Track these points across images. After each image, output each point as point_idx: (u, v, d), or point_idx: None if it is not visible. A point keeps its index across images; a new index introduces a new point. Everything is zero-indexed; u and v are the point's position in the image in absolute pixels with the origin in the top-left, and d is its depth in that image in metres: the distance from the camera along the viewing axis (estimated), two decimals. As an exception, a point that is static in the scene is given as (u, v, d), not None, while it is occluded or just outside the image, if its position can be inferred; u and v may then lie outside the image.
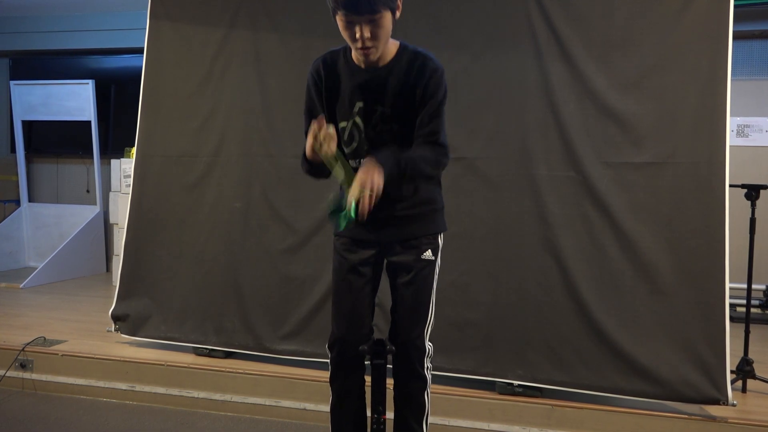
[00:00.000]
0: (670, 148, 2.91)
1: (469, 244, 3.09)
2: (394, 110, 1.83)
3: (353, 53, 1.85)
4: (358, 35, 1.71)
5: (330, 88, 1.87)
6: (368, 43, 1.73)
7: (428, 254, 1.96)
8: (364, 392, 2.06)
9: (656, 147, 2.92)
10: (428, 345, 1.98)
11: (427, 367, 1.98)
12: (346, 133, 1.90)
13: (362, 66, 1.85)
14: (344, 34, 1.76)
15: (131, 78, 5.91)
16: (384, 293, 2.15)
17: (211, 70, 3.63)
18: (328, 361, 2.05)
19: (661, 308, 2.86)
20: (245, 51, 3.57)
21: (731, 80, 2.85)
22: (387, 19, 1.73)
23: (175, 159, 3.67)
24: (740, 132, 4.33)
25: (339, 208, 1.69)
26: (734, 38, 2.88)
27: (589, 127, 3.00)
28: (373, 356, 1.96)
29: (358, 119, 1.85)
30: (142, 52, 3.78)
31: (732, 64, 2.85)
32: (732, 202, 2.82)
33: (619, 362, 2.86)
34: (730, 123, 2.91)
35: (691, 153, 2.88)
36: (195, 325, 3.52)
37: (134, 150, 3.80)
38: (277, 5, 3.52)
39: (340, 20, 1.75)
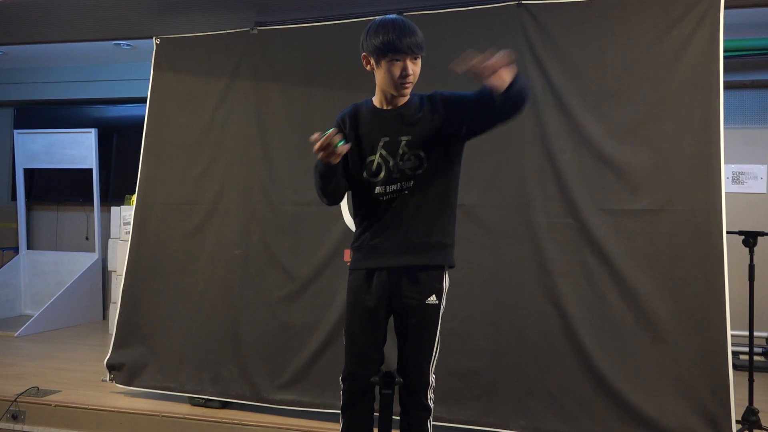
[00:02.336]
0: (666, 195, 2.93)
1: (469, 291, 3.08)
2: (416, 138, 2.07)
3: (377, 98, 2.12)
4: (403, 72, 1.99)
5: (354, 131, 2.11)
6: (411, 79, 2.01)
7: (433, 299, 2.10)
8: (373, 420, 2.19)
9: (653, 194, 2.94)
10: (432, 377, 2.13)
11: (431, 398, 2.14)
12: (374, 165, 2.09)
13: (384, 107, 2.11)
14: (390, 76, 2.00)
15: (133, 126, 6.00)
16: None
17: (212, 119, 3.69)
18: (341, 391, 2.16)
19: (663, 356, 2.83)
20: (246, 100, 3.64)
21: (724, 128, 2.90)
22: (420, 61, 2.06)
23: (175, 206, 3.70)
24: (736, 179, 4.38)
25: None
26: (726, 88, 2.94)
27: (586, 174, 3.04)
28: (382, 387, 2.11)
29: (383, 151, 2.07)
30: (145, 102, 3.86)
31: (724, 112, 2.91)
32: (730, 248, 2.83)
33: (622, 412, 2.81)
34: (725, 170, 2.94)
35: (688, 200, 2.90)
36: (191, 374, 3.47)
37: (134, 197, 3.83)
38: (277, 56, 3.61)
39: (387, 63, 1.99)
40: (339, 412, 2.16)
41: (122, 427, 3.30)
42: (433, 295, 2.08)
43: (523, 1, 3.20)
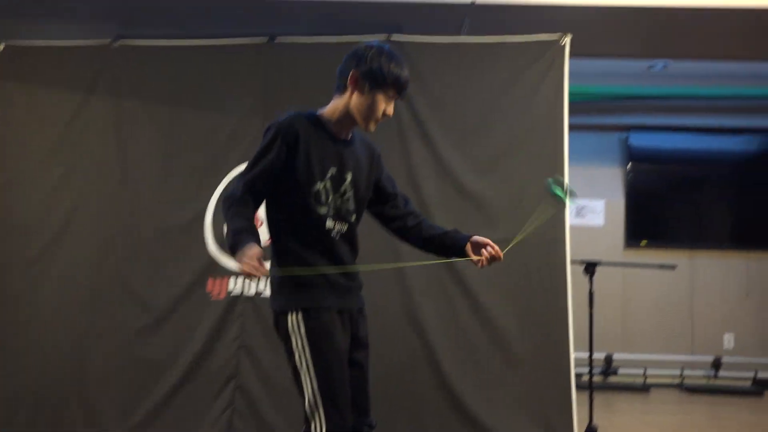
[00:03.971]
0: (517, 226, 3.14)
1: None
2: (357, 179, 1.92)
3: (334, 122, 1.88)
4: (386, 112, 1.86)
5: (306, 149, 1.83)
6: (385, 119, 1.88)
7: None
8: None
9: (506, 225, 3.14)
10: None
11: None
12: (321, 195, 1.86)
13: (339, 135, 1.90)
14: (375, 107, 1.84)
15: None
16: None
17: (64, 135, 3.43)
18: None
19: (514, 378, 3.01)
20: (105, 116, 3.42)
21: (569, 166, 3.18)
22: None
23: (19, 229, 3.35)
24: (578, 213, 4.81)
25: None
26: (570, 129, 3.24)
27: (449, 204, 3.19)
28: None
29: (328, 184, 1.86)
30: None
31: (569, 152, 3.20)
32: (572, 276, 3.08)
33: (477, 430, 2.94)
34: (569, 205, 3.22)
35: (537, 231, 3.12)
36: (28, 415, 3.13)
37: (-32, 218, 3.43)
38: (141, 71, 3.44)
39: (383, 95, 1.83)
40: None
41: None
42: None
43: (392, 38, 3.32)
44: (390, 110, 1.87)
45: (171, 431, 3.04)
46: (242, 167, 2.83)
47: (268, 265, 1.69)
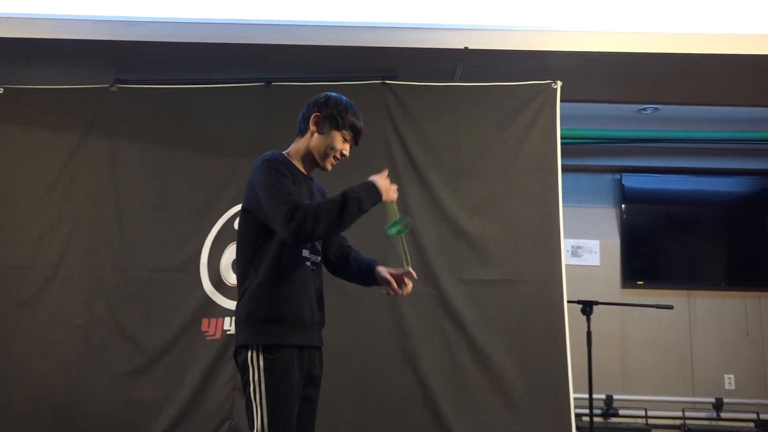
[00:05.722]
0: (513, 266, 3.15)
1: (329, 361, 3.02)
2: None
3: (297, 161, 2.07)
4: (343, 152, 2.07)
5: (293, 182, 1.99)
6: (340, 160, 2.09)
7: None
8: None
9: (501, 265, 3.15)
10: None
11: None
12: None
13: (304, 173, 2.09)
14: (333, 145, 2.04)
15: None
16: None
17: (60, 176, 3.44)
18: None
19: (514, 421, 2.95)
20: (100, 159, 3.44)
21: (563, 206, 3.21)
22: None
23: (8, 270, 3.32)
24: (574, 252, 4.81)
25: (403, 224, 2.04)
26: (564, 170, 3.29)
27: (444, 245, 3.19)
28: None
29: None
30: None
31: (563, 192, 3.23)
32: (570, 316, 3.06)
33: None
34: (565, 244, 3.23)
35: (532, 271, 3.13)
36: (14, 462, 3.05)
37: (-41, 259, 3.40)
38: (137, 115, 3.48)
39: (340, 135, 2.05)
40: None
41: None
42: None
43: (387, 81, 3.39)
44: (346, 151, 2.07)
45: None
46: (236, 208, 2.83)
47: None
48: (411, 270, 2.04)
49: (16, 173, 3.47)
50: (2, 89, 3.59)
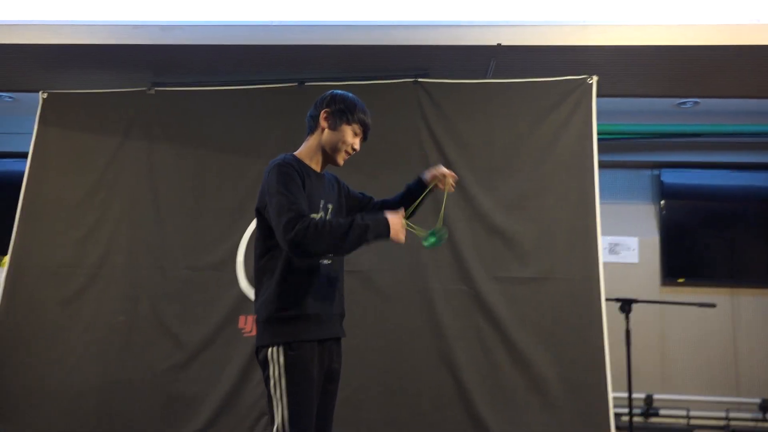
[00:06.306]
0: (549, 264, 3.11)
1: (363, 359, 3.05)
2: (335, 208, 2.13)
3: (311, 160, 2.11)
4: (354, 146, 2.11)
5: (304, 184, 2.02)
6: (351, 155, 2.12)
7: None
8: None
9: (537, 263, 3.11)
10: None
11: None
12: None
13: (317, 171, 2.12)
14: (344, 139, 2.08)
15: (8, 183, 5.57)
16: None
17: (101, 179, 3.53)
18: None
19: (552, 421, 2.91)
20: (138, 161, 3.52)
21: (600, 203, 3.15)
22: None
23: (53, 271, 3.43)
24: (612, 250, 4.72)
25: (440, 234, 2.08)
26: (600, 167, 3.23)
27: (479, 244, 3.17)
28: None
29: (322, 214, 2.05)
30: (23, 158, 3.62)
31: (600, 189, 3.17)
32: (608, 315, 3.01)
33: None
34: (602, 242, 3.18)
35: (568, 269, 3.09)
36: (61, 455, 3.14)
37: (6, 259, 3.53)
38: (171, 118, 3.55)
39: (351, 129, 2.09)
40: None
41: None
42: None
43: (419, 79, 3.38)
44: (357, 145, 2.11)
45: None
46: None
47: None
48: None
49: (59, 176, 3.58)
50: (46, 94, 3.70)
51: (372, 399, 3.02)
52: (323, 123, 2.08)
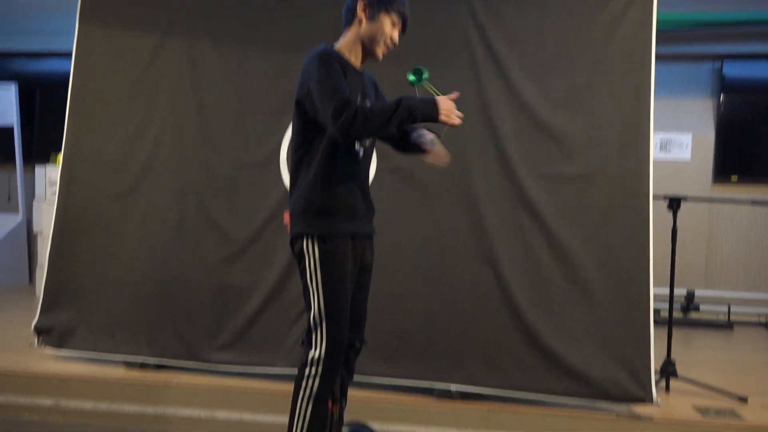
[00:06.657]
0: (598, 160, 3.04)
1: (405, 254, 3.12)
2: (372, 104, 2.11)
3: (350, 53, 2.10)
4: (393, 37, 2.09)
5: (345, 76, 2.01)
6: (391, 47, 2.11)
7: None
8: None
9: (586, 160, 3.04)
10: None
11: None
12: None
13: (357, 66, 2.12)
14: (383, 29, 2.06)
15: (58, 82, 5.67)
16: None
17: (143, 76, 3.53)
18: (322, 371, 2.00)
19: (591, 313, 2.97)
20: (180, 58, 3.49)
21: (654, 99, 3.01)
22: None
23: (105, 166, 3.54)
24: (663, 147, 4.58)
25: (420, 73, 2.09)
26: (657, 59, 3.05)
27: (524, 140, 3.10)
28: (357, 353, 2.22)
29: None
30: (70, 56, 3.64)
31: (655, 83, 3.02)
32: (655, 212, 2.97)
33: (552, 366, 2.95)
34: (654, 138, 3.07)
35: (618, 166, 3.02)
36: (125, 336, 3.39)
37: (61, 155, 3.65)
38: (213, 12, 3.47)
39: (389, 19, 2.06)
40: (270, 370, 2.13)
41: (53, 391, 3.20)
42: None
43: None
44: (395, 37, 2.09)
45: (254, 350, 3.21)
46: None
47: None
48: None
49: (103, 74, 3.60)
50: (85, -10, 3.64)
51: (413, 292, 3.12)
52: (361, 14, 2.06)
